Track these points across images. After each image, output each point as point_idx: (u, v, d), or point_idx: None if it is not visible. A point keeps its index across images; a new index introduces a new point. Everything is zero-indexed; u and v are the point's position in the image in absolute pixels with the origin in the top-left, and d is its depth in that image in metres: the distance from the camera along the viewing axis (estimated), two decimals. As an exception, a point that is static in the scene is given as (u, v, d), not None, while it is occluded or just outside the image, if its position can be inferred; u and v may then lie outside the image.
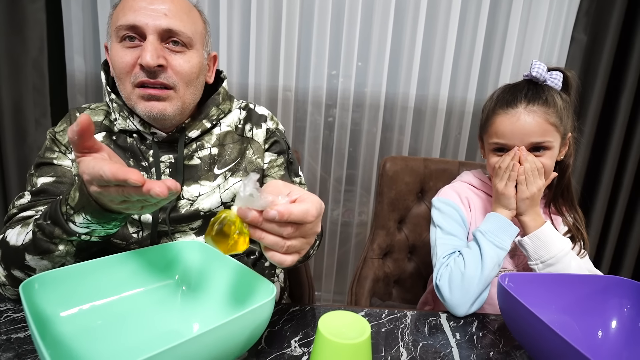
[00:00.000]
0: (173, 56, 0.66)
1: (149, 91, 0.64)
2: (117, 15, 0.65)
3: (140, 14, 0.62)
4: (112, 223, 0.52)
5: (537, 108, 0.72)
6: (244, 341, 0.44)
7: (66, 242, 0.53)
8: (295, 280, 1.08)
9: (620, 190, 1.42)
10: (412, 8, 1.37)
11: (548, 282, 0.61)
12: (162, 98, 0.65)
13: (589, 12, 1.32)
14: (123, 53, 0.64)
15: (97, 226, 0.51)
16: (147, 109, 0.65)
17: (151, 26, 0.63)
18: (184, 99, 0.68)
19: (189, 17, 0.67)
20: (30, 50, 1.27)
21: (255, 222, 0.41)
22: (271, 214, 0.39)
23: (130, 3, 0.64)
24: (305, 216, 0.41)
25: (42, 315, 0.44)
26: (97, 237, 0.54)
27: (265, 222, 0.40)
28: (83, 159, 0.45)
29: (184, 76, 0.67)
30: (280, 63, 1.39)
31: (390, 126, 1.51)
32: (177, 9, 0.65)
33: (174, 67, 0.65)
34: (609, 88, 1.34)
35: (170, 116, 0.67)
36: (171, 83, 0.65)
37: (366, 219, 1.61)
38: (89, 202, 0.48)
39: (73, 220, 0.51)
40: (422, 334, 0.62)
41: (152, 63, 0.62)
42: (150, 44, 0.62)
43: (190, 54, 0.67)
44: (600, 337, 0.59)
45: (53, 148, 0.71)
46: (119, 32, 0.63)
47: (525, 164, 0.72)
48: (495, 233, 0.72)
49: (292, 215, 0.40)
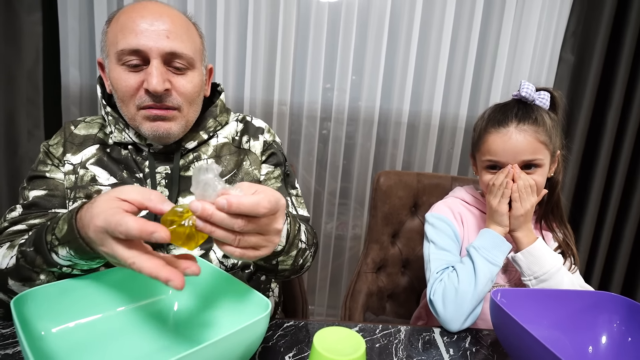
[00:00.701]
0: (176, 78, 0.66)
1: (154, 112, 0.64)
2: (114, 36, 0.63)
3: (142, 36, 0.62)
4: (96, 260, 0.50)
5: (528, 127, 0.74)
6: (238, 357, 0.44)
7: (47, 272, 0.52)
8: (288, 294, 1.07)
9: (608, 206, 1.45)
10: (405, 25, 1.40)
11: (540, 298, 0.62)
12: (168, 118, 0.66)
13: (575, 32, 1.37)
14: (126, 76, 0.63)
15: (79, 261, 0.50)
16: (153, 129, 0.65)
17: (155, 50, 0.62)
18: (187, 117, 0.69)
19: (188, 36, 0.67)
20: (25, 61, 1.27)
21: (206, 215, 0.40)
22: (220, 202, 0.39)
23: (130, 25, 0.62)
24: (256, 207, 0.40)
25: (34, 331, 0.43)
26: (79, 270, 0.52)
27: (216, 213, 0.40)
28: (114, 202, 0.43)
29: (188, 97, 0.67)
30: (276, 77, 1.41)
31: (384, 140, 1.53)
32: (177, 28, 0.65)
33: (178, 89, 0.66)
34: (596, 106, 1.38)
35: (176, 135, 0.68)
36: (176, 105, 0.66)
37: (360, 232, 1.61)
38: (75, 239, 0.46)
39: (56, 252, 0.49)
40: (416, 349, 0.62)
41: (160, 89, 0.62)
42: (156, 69, 0.62)
43: (192, 74, 0.68)
44: (591, 353, 0.60)
45: (46, 161, 0.71)
46: (121, 56, 0.62)
47: (519, 182, 0.73)
48: (489, 249, 0.73)
49: (241, 206, 0.39)
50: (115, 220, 0.40)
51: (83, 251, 0.47)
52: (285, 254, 0.61)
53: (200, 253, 0.71)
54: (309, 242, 0.69)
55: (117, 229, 0.39)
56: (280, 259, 0.62)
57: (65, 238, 0.47)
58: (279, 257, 0.61)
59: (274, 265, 0.63)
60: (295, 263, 0.66)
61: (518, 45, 1.41)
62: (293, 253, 0.63)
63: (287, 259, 0.63)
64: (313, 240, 0.73)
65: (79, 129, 0.74)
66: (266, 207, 0.41)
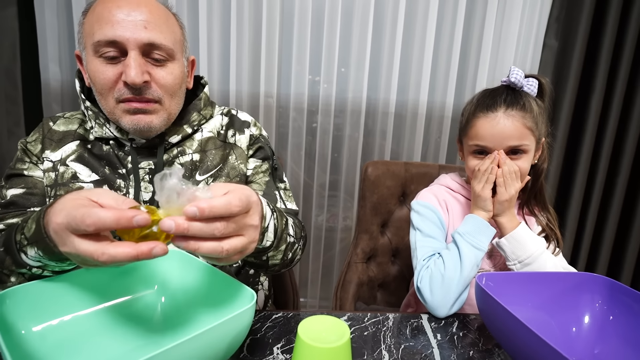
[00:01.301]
0: (156, 70, 0.64)
1: (134, 105, 0.63)
2: (91, 27, 0.61)
3: (119, 27, 0.60)
4: (67, 262, 0.48)
5: (516, 112, 0.74)
6: (224, 349, 0.43)
7: (17, 274, 0.50)
8: (279, 287, 1.07)
9: (593, 190, 1.47)
10: (390, 16, 1.39)
11: (524, 281, 0.62)
12: (149, 111, 0.65)
13: (559, 18, 1.37)
14: (104, 68, 0.62)
15: (49, 262, 0.48)
16: (134, 122, 0.64)
17: (132, 41, 0.60)
18: (169, 110, 0.68)
19: (167, 27, 0.65)
20: (3, 58, 1.24)
21: (182, 230, 0.37)
22: (190, 211, 0.37)
23: (106, 14, 0.60)
24: (229, 207, 0.39)
25: (14, 330, 0.42)
26: (50, 272, 0.51)
27: (192, 225, 0.37)
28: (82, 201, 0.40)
29: (169, 89, 0.66)
30: (261, 69, 1.39)
31: (372, 131, 1.53)
32: (156, 18, 0.63)
33: (157, 81, 0.64)
34: (579, 91, 1.40)
35: (157, 128, 0.67)
36: (156, 97, 0.64)
37: (350, 223, 1.62)
38: (42, 238, 0.44)
39: (25, 252, 0.47)
40: (404, 336, 0.63)
41: (138, 81, 0.60)
42: (134, 60, 0.60)
43: (172, 65, 0.66)
44: (575, 332, 0.61)
45: (24, 159, 0.69)
46: (98, 47, 0.61)
47: (504, 167, 0.74)
48: (473, 234, 0.74)
49: (213, 209, 0.37)
50: (79, 213, 0.37)
51: (51, 252, 0.44)
52: (274, 249, 0.61)
53: None
54: (297, 236, 0.70)
55: (84, 222, 0.36)
56: (270, 254, 0.62)
57: (33, 238, 0.46)
58: (269, 253, 0.61)
59: (264, 260, 0.64)
60: (285, 257, 0.66)
61: (502, 32, 1.41)
62: (282, 247, 0.63)
63: (277, 254, 0.63)
64: (301, 234, 0.73)
65: (58, 125, 0.72)
66: (238, 206, 0.40)
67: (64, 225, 0.39)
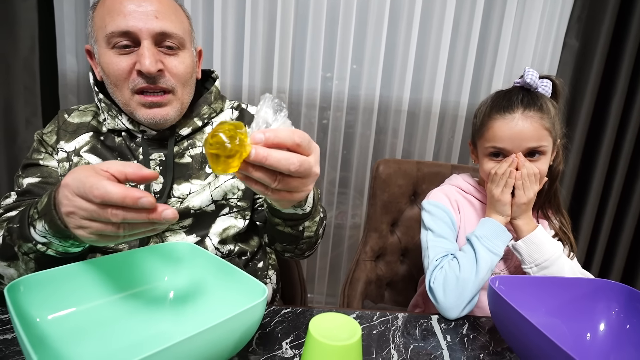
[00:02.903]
0: (168, 59, 0.65)
1: (149, 99, 0.64)
2: (102, 19, 0.62)
3: (130, 18, 0.61)
4: (69, 241, 0.49)
5: (534, 113, 0.73)
6: (235, 343, 0.44)
7: (22, 254, 0.51)
8: (287, 282, 1.07)
9: (610, 194, 1.44)
10: (406, 12, 1.38)
11: (538, 285, 0.61)
12: (164, 104, 0.65)
13: (580, 18, 1.34)
14: (117, 60, 0.62)
15: (53, 239, 0.49)
16: (150, 116, 0.65)
17: (145, 30, 0.61)
18: (182, 100, 0.68)
19: (176, 17, 0.66)
20: (21, 49, 1.26)
21: (266, 143, 0.40)
22: (257, 136, 0.39)
23: (117, 6, 0.61)
24: (292, 136, 0.41)
25: (28, 318, 0.43)
26: (54, 252, 0.52)
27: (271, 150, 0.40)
28: (90, 171, 0.42)
29: (181, 77, 0.67)
30: (275, 65, 1.39)
31: (384, 129, 1.51)
32: (165, 8, 0.64)
33: (170, 70, 0.65)
34: (600, 93, 1.36)
35: (172, 119, 0.68)
36: (170, 86, 0.65)
37: (359, 221, 1.61)
38: (50, 210, 0.46)
39: (34, 226, 0.49)
40: (413, 336, 0.62)
41: (153, 69, 0.61)
42: (147, 50, 0.61)
43: (183, 54, 0.67)
44: (589, 340, 0.60)
45: (40, 149, 0.71)
46: (111, 39, 0.61)
47: (522, 170, 0.73)
48: (490, 238, 0.73)
49: (278, 135, 0.40)
50: (90, 182, 0.39)
51: (55, 225, 0.46)
52: (311, 218, 0.64)
53: (196, 240, 0.71)
54: (324, 213, 0.74)
55: (92, 192, 0.38)
56: (307, 224, 0.65)
57: (43, 210, 0.47)
58: (305, 222, 0.64)
59: (301, 231, 0.66)
60: (317, 232, 0.69)
61: (521, 31, 1.39)
62: (317, 219, 0.66)
63: (312, 225, 0.66)
64: (324, 213, 0.76)
65: (73, 117, 0.73)
66: (300, 137, 0.42)
67: (73, 187, 0.41)
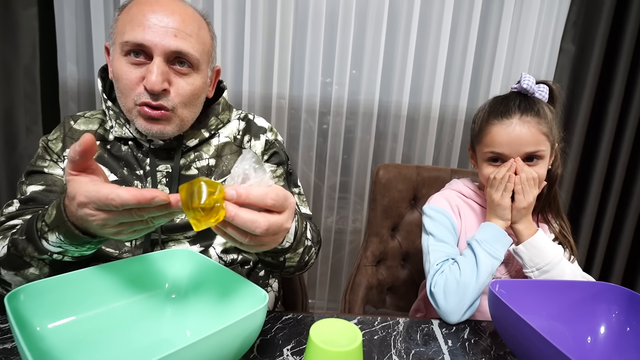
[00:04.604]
0: (177, 79, 0.65)
1: (148, 112, 0.64)
2: (123, 25, 0.62)
3: (149, 32, 0.61)
4: (87, 246, 0.50)
5: (531, 118, 0.73)
6: (235, 349, 0.44)
7: (38, 260, 0.52)
8: (288, 288, 1.07)
9: (609, 198, 1.44)
10: (404, 17, 1.39)
11: (538, 289, 0.61)
12: (163, 120, 0.65)
13: (576, 23, 1.35)
14: (127, 69, 0.63)
15: (70, 247, 0.49)
16: (147, 128, 0.65)
17: (160, 47, 0.61)
18: (182, 117, 0.67)
19: (198, 37, 0.65)
20: (22, 57, 1.27)
21: (237, 201, 0.40)
22: (229, 193, 0.39)
23: (140, 18, 0.61)
24: (264, 198, 0.41)
25: (29, 327, 0.43)
26: (70, 257, 0.52)
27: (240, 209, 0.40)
28: (76, 178, 0.43)
29: (184, 98, 0.66)
30: (274, 71, 1.40)
31: (384, 134, 1.52)
32: (187, 27, 0.63)
33: (176, 90, 0.64)
34: (597, 97, 1.37)
35: (169, 134, 0.67)
36: (170, 106, 0.65)
37: (360, 226, 1.61)
38: (64, 222, 0.46)
39: (46, 238, 0.49)
40: (415, 341, 0.62)
41: (157, 88, 0.61)
42: (157, 67, 0.61)
43: (195, 76, 0.66)
44: (590, 343, 0.60)
45: (45, 156, 0.70)
46: (125, 47, 0.62)
47: (522, 174, 0.73)
48: (491, 243, 0.73)
49: (250, 196, 0.40)
50: (103, 193, 0.40)
51: (72, 235, 0.47)
52: (292, 251, 0.62)
53: (200, 250, 0.71)
54: (314, 240, 0.71)
55: (111, 203, 0.39)
56: (288, 255, 0.63)
57: (54, 223, 0.48)
58: (287, 254, 0.62)
59: (281, 262, 0.64)
60: (302, 260, 0.67)
61: (518, 36, 1.40)
62: (300, 250, 0.64)
63: (294, 256, 0.64)
64: (317, 238, 0.73)
65: (79, 124, 0.73)
66: (273, 199, 0.41)
67: (90, 204, 0.42)
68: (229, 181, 0.42)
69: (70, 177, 0.44)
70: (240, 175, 0.42)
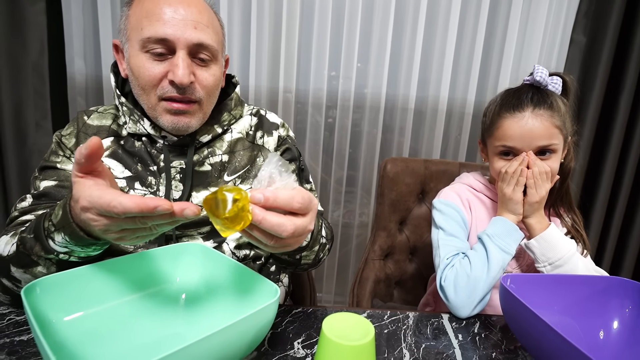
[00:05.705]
0: (200, 70, 0.65)
1: (176, 106, 0.64)
2: (138, 21, 0.62)
3: (169, 25, 0.60)
4: (92, 247, 0.50)
5: (544, 112, 0.72)
6: (248, 343, 0.44)
7: (45, 260, 0.52)
8: (296, 282, 1.08)
9: (620, 191, 1.42)
10: (412, 10, 1.37)
11: (550, 283, 0.61)
12: (189, 113, 0.65)
13: (587, 13, 1.33)
14: (150, 65, 0.62)
15: (75, 247, 0.49)
16: (174, 122, 0.65)
17: (182, 40, 0.61)
18: (205, 110, 0.68)
19: (213, 27, 0.66)
20: (31, 52, 1.27)
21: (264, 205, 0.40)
22: (256, 197, 0.39)
23: (157, 11, 0.60)
24: (291, 201, 0.41)
25: (45, 320, 0.44)
26: (76, 257, 0.52)
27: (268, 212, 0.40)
28: (81, 180, 0.43)
29: (209, 90, 0.66)
30: (281, 65, 1.39)
31: (391, 127, 1.51)
32: (204, 18, 0.63)
33: (201, 82, 0.65)
34: (608, 89, 1.35)
35: (194, 128, 0.68)
36: (198, 98, 0.65)
37: (367, 220, 1.61)
38: (69, 224, 0.46)
39: (53, 238, 0.49)
40: (425, 335, 0.62)
41: (186, 81, 0.61)
42: (182, 61, 0.61)
43: (214, 67, 0.67)
44: (602, 338, 0.59)
45: (58, 152, 0.70)
46: (147, 44, 0.61)
47: (534, 168, 0.72)
48: (502, 237, 0.73)
49: (277, 199, 0.40)
50: (105, 200, 0.39)
51: (77, 236, 0.47)
52: (309, 249, 0.63)
53: (213, 245, 0.71)
54: (328, 237, 0.72)
55: (113, 210, 0.38)
56: (304, 254, 0.64)
57: (60, 223, 0.47)
58: (303, 252, 0.63)
59: (297, 259, 0.66)
60: (317, 257, 0.68)
61: (528, 28, 1.37)
62: (316, 248, 0.65)
63: (310, 254, 0.65)
64: (331, 235, 0.74)
65: (92, 119, 0.72)
66: (300, 202, 0.42)
67: (92, 209, 0.41)
68: (255, 185, 0.42)
69: (75, 179, 0.43)
70: (266, 179, 0.42)
